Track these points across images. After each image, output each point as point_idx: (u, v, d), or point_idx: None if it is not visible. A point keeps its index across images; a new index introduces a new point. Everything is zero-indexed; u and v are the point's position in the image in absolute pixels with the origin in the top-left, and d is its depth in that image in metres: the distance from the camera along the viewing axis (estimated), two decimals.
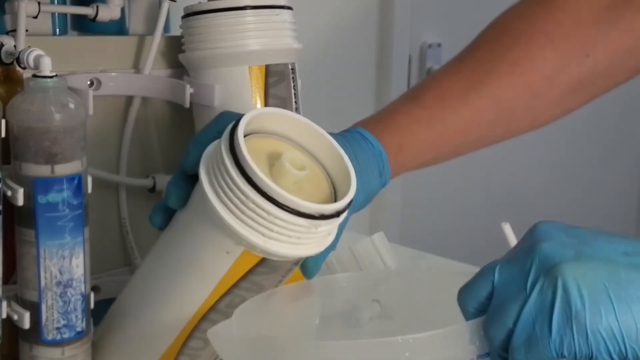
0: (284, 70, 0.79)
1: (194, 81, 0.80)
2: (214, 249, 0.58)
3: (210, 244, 0.58)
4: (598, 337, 0.46)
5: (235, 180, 0.55)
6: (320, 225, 0.56)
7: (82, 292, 0.63)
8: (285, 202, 0.55)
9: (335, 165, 0.60)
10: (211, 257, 0.59)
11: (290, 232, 0.56)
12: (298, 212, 0.55)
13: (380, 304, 0.70)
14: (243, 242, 0.56)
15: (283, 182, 0.56)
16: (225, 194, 0.56)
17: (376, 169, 0.71)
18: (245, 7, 0.76)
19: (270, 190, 0.55)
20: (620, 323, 0.46)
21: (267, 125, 0.60)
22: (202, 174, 0.57)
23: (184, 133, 0.85)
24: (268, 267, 0.59)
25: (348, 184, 0.58)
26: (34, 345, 0.63)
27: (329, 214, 0.57)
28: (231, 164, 0.55)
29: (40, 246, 0.61)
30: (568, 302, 0.47)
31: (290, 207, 0.55)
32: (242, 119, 0.57)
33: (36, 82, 0.60)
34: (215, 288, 0.60)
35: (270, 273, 0.60)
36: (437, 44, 1.66)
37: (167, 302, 0.62)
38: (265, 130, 0.60)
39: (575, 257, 0.48)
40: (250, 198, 0.55)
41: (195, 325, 0.62)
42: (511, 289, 0.49)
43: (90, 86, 0.78)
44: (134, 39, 0.82)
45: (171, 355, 0.63)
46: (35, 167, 0.60)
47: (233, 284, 0.59)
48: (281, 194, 0.55)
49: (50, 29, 0.80)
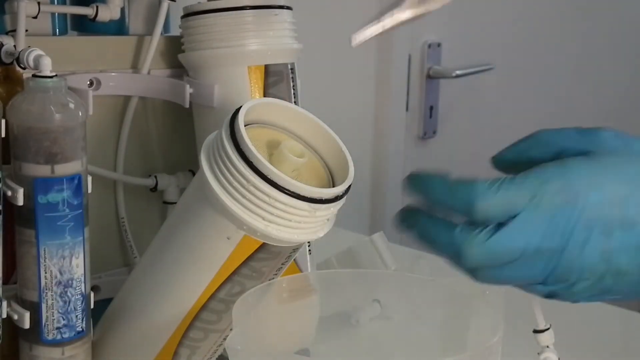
0: (283, 70, 0.79)
1: (194, 81, 0.80)
2: (214, 235, 0.59)
3: (210, 230, 0.59)
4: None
5: (236, 165, 0.56)
6: (320, 209, 0.58)
7: (82, 292, 0.63)
8: (286, 185, 0.56)
9: (333, 153, 0.62)
10: (212, 244, 0.60)
11: (291, 216, 0.57)
12: (299, 195, 0.57)
13: (380, 304, 0.70)
14: (244, 227, 0.57)
15: (282, 169, 0.57)
16: (226, 179, 0.57)
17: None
18: (245, 7, 0.76)
19: (271, 174, 0.56)
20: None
21: (266, 116, 0.62)
22: (202, 160, 0.59)
23: (183, 133, 0.85)
24: (268, 253, 0.60)
25: (346, 171, 0.60)
26: (34, 345, 0.63)
27: (329, 198, 0.58)
28: (232, 149, 0.57)
29: (40, 246, 0.61)
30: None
31: (291, 190, 0.56)
32: (243, 107, 0.59)
33: (36, 82, 0.60)
34: (215, 276, 0.61)
35: (270, 259, 0.60)
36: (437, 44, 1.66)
37: (167, 293, 0.63)
38: (264, 121, 0.62)
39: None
40: (251, 182, 0.56)
41: (195, 315, 0.62)
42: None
43: (90, 86, 0.78)
44: (134, 39, 0.82)
45: (171, 347, 0.64)
46: (35, 167, 0.60)
47: (233, 270, 0.60)
48: (282, 177, 0.56)
49: (50, 29, 0.80)
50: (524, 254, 0.50)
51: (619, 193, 0.50)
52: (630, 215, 0.49)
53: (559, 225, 0.49)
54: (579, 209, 0.49)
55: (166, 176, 0.85)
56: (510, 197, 0.50)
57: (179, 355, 0.64)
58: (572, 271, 0.50)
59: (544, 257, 0.50)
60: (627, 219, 0.49)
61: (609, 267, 0.50)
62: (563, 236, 0.49)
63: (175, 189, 0.85)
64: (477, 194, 0.51)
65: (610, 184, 0.50)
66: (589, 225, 0.49)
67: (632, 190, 0.50)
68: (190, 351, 0.65)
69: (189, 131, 0.84)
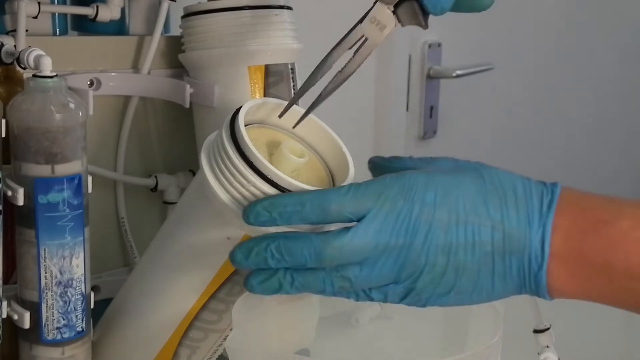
0: (283, 70, 0.79)
1: (194, 81, 0.80)
2: (214, 235, 0.59)
3: (211, 230, 0.59)
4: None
5: (236, 164, 0.56)
6: None
7: (82, 292, 0.63)
8: (286, 185, 0.56)
9: (333, 153, 0.62)
10: (212, 244, 0.60)
11: None
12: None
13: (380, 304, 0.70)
14: (244, 227, 0.57)
15: (282, 169, 0.57)
16: (226, 179, 0.57)
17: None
18: (245, 7, 0.76)
19: (271, 174, 0.56)
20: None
21: (266, 116, 0.62)
22: (202, 160, 0.59)
23: (183, 133, 0.85)
24: None
25: (346, 171, 0.60)
26: (34, 345, 0.63)
27: None
28: (232, 148, 0.57)
29: (40, 246, 0.61)
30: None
31: (292, 190, 0.56)
32: (243, 107, 0.59)
33: (36, 82, 0.60)
34: (215, 275, 0.60)
35: None
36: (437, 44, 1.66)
37: (167, 293, 0.63)
38: (264, 121, 0.62)
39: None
40: (251, 182, 0.56)
41: (195, 314, 0.62)
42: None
43: (90, 86, 0.78)
44: (134, 39, 0.82)
45: (171, 347, 0.64)
46: (35, 167, 0.60)
47: (233, 270, 0.60)
48: (282, 177, 0.56)
49: (50, 29, 0.80)
50: (377, 249, 0.54)
51: (451, 195, 0.55)
52: (464, 214, 0.55)
53: (404, 223, 0.54)
54: (418, 207, 0.54)
55: (166, 176, 0.85)
56: (359, 199, 0.55)
57: (179, 355, 0.64)
58: (417, 266, 0.54)
59: (393, 253, 0.54)
60: (461, 218, 0.54)
61: (449, 261, 0.54)
62: (407, 232, 0.54)
63: (176, 189, 0.85)
64: (330, 198, 0.55)
65: (442, 187, 0.55)
66: (429, 223, 0.54)
67: (462, 193, 0.55)
68: (190, 351, 0.65)
69: (189, 131, 0.84)
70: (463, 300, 0.56)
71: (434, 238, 0.54)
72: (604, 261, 0.53)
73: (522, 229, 0.54)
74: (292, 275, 0.55)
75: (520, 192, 0.55)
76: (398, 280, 0.55)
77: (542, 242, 0.54)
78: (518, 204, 0.55)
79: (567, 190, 0.56)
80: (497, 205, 0.55)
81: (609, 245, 0.54)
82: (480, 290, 0.55)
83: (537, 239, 0.54)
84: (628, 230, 0.54)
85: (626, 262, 0.53)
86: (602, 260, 0.54)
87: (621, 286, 0.54)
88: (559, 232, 0.54)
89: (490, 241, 0.54)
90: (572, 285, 0.55)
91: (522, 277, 0.55)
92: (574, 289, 0.55)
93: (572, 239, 0.54)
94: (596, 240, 0.54)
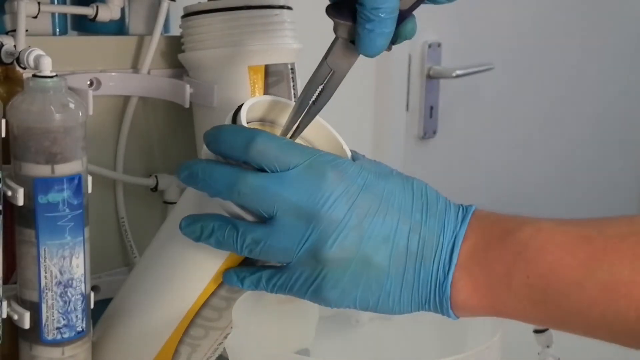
0: (283, 71, 0.79)
1: (194, 81, 0.80)
2: None
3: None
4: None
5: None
6: None
7: (82, 292, 0.63)
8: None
9: (334, 152, 0.62)
10: None
11: None
12: None
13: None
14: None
15: None
16: None
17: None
18: (245, 7, 0.76)
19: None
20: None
21: (267, 114, 0.62)
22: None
23: (183, 133, 0.85)
24: None
25: None
26: (34, 345, 0.63)
27: None
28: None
29: (40, 246, 0.61)
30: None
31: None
32: (244, 104, 0.59)
33: (36, 82, 0.60)
34: (216, 273, 0.60)
35: None
36: (437, 44, 1.66)
37: (168, 290, 0.63)
38: (265, 119, 0.62)
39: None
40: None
41: (196, 312, 0.62)
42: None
43: (90, 86, 0.78)
44: (134, 39, 0.82)
45: (172, 345, 0.64)
46: (35, 167, 0.60)
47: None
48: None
49: (50, 29, 0.80)
50: (289, 206, 0.54)
51: (378, 186, 0.55)
52: (387, 206, 0.55)
53: (325, 193, 0.54)
54: (344, 186, 0.54)
55: (167, 176, 0.85)
56: (288, 151, 0.55)
57: (180, 353, 0.64)
58: (324, 241, 0.54)
59: (304, 216, 0.54)
60: (382, 209, 0.55)
61: (359, 250, 0.54)
62: (325, 203, 0.54)
63: (176, 188, 0.85)
64: (260, 138, 0.55)
65: (373, 179, 0.56)
66: (350, 203, 0.54)
67: (391, 189, 0.56)
68: (191, 349, 0.65)
69: (189, 131, 0.84)
70: (368, 303, 0.56)
71: (350, 219, 0.54)
72: (506, 270, 0.53)
73: (436, 235, 0.55)
74: (214, 226, 0.56)
75: (442, 205, 0.56)
76: (301, 249, 0.54)
77: (452, 251, 0.54)
78: (438, 213, 0.56)
79: (481, 210, 0.57)
80: (419, 208, 0.56)
81: (510, 255, 0.54)
82: (387, 296, 0.55)
83: (448, 247, 0.55)
84: (528, 239, 0.54)
85: (525, 270, 0.53)
86: (505, 269, 0.53)
87: (523, 296, 0.53)
88: (468, 242, 0.55)
89: (406, 243, 0.55)
90: (475, 297, 0.54)
91: (428, 288, 0.55)
92: (478, 301, 0.54)
93: (478, 249, 0.55)
94: (500, 250, 0.54)
